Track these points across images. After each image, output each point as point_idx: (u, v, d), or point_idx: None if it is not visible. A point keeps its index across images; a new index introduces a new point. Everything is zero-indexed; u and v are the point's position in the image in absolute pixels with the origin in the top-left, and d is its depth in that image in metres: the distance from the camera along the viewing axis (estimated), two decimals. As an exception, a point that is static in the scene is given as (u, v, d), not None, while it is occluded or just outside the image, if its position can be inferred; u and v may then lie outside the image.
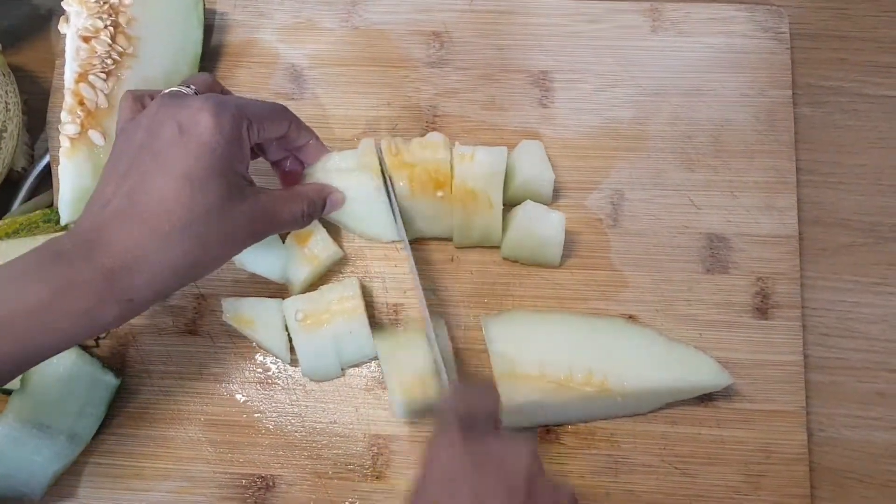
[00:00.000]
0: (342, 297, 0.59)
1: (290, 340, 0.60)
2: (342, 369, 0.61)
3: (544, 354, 0.57)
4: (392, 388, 0.57)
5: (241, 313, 0.61)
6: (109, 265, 0.45)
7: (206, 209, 0.47)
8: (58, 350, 0.46)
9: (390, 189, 0.59)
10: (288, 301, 0.60)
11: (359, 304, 0.59)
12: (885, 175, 0.65)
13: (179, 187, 0.47)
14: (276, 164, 0.61)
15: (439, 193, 0.60)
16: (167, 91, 0.52)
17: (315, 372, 0.60)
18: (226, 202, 0.49)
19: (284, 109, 0.56)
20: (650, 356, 0.57)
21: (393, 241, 0.63)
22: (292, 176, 0.61)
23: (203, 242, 0.48)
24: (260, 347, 0.62)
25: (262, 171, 0.63)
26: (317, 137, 0.59)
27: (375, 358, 0.61)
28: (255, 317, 0.61)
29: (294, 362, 0.61)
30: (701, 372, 0.57)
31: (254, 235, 0.52)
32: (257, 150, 0.59)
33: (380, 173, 0.59)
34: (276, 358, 0.61)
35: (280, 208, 0.54)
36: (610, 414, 0.59)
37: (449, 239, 0.63)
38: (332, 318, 0.59)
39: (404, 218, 0.61)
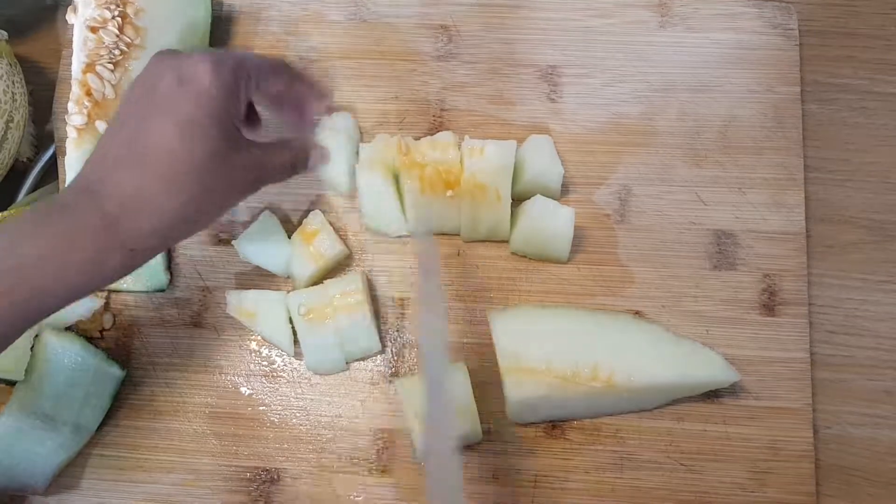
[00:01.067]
0: (345, 292, 0.59)
1: (294, 333, 0.60)
2: (346, 363, 0.61)
3: (550, 349, 0.57)
4: (413, 430, 0.56)
5: (244, 306, 0.61)
6: (112, 212, 0.46)
7: (208, 154, 0.48)
8: (66, 301, 0.46)
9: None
10: (292, 295, 0.60)
11: (362, 298, 0.59)
12: (893, 173, 0.65)
13: (181, 132, 0.47)
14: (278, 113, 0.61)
15: (449, 193, 0.59)
16: (164, 49, 0.52)
17: (319, 366, 0.60)
18: (225, 150, 0.49)
19: (284, 64, 0.56)
20: (657, 352, 0.57)
21: (400, 237, 0.62)
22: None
23: (207, 188, 0.49)
24: (264, 340, 0.62)
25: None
26: (319, 90, 0.59)
27: (381, 352, 0.61)
28: (258, 309, 0.61)
29: (298, 355, 0.61)
30: (708, 368, 0.57)
31: (252, 184, 0.53)
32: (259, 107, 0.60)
33: (391, 168, 0.60)
34: (281, 350, 0.61)
35: (269, 158, 0.54)
36: (616, 410, 0.59)
37: (457, 234, 0.62)
38: (335, 312, 0.59)
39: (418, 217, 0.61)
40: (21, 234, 0.45)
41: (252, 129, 0.59)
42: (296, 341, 0.60)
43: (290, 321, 0.60)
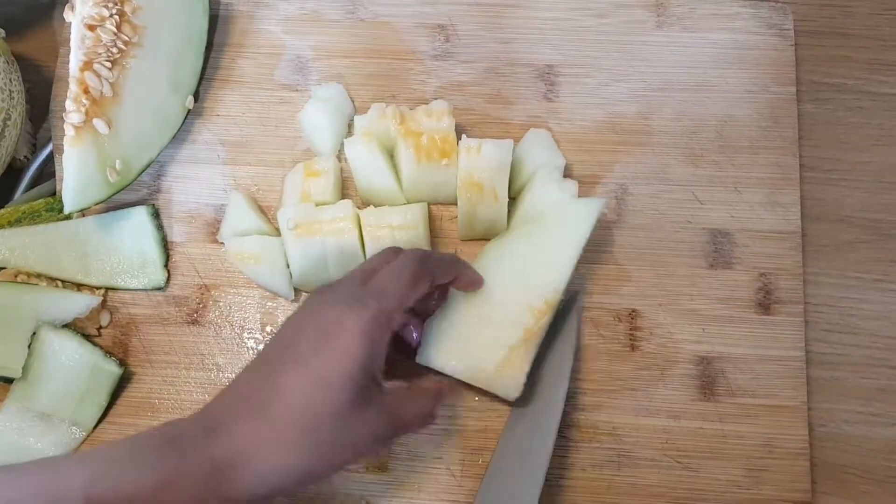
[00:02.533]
0: (335, 218, 0.59)
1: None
2: None
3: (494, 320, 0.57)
4: None
5: (244, 248, 0.61)
6: (221, 460, 0.43)
7: (332, 415, 0.45)
8: None
9: None
10: (281, 211, 0.60)
11: (352, 224, 0.59)
12: (888, 172, 0.65)
13: (312, 391, 0.45)
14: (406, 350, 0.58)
15: (444, 161, 0.60)
16: (323, 286, 0.51)
17: (305, 281, 0.61)
18: (352, 407, 0.46)
19: (424, 264, 0.52)
20: (545, 248, 0.58)
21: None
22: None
23: (322, 452, 0.45)
24: (260, 286, 0.62)
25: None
26: (464, 267, 0.56)
27: None
28: (257, 253, 0.61)
29: (297, 298, 0.62)
30: (581, 217, 0.58)
31: (375, 442, 0.48)
32: None
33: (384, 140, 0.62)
34: (279, 295, 0.62)
35: (404, 409, 0.50)
36: None
37: (452, 203, 0.63)
38: (323, 231, 0.59)
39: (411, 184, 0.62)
40: (125, 463, 0.43)
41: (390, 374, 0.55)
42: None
43: (289, 266, 0.61)
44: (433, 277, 0.52)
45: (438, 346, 0.56)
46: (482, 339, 0.56)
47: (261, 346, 0.62)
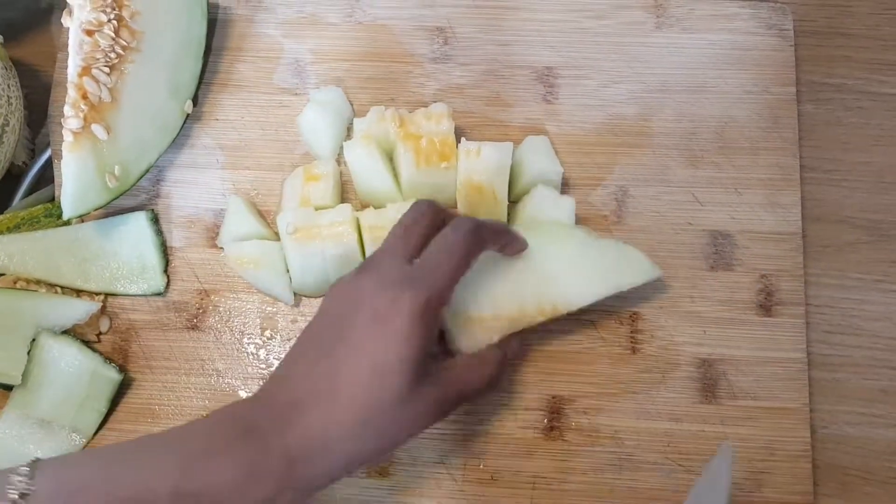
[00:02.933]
0: (334, 223, 0.59)
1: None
2: None
3: (497, 294, 0.56)
4: None
5: (243, 253, 0.61)
6: (295, 450, 0.44)
7: (392, 399, 0.45)
8: None
9: None
10: (280, 216, 0.60)
11: (351, 229, 0.59)
12: (889, 172, 0.65)
13: (373, 376, 0.45)
14: None
15: (443, 164, 0.60)
16: (367, 260, 0.51)
17: (304, 285, 0.61)
18: (412, 389, 0.46)
19: (474, 236, 0.51)
20: (589, 267, 0.57)
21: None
22: None
23: (384, 434, 0.46)
24: (259, 291, 0.62)
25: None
26: (507, 234, 0.55)
27: None
28: (256, 258, 0.61)
29: (298, 303, 0.62)
30: (635, 271, 0.57)
31: (439, 416, 0.49)
32: None
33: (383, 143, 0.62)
34: (278, 300, 0.62)
35: (466, 378, 0.51)
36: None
37: (453, 207, 0.62)
38: (322, 236, 0.59)
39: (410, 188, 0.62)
40: (205, 454, 0.43)
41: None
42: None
43: (288, 271, 0.61)
44: (484, 249, 0.52)
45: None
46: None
47: (260, 352, 0.61)
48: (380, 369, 0.45)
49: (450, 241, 0.50)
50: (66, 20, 0.62)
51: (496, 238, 0.53)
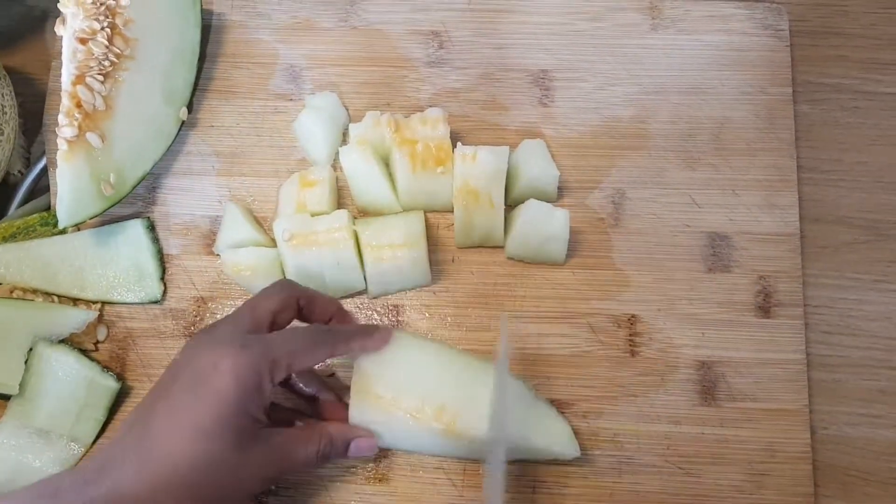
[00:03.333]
0: (330, 229, 0.59)
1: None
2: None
3: (404, 381, 0.54)
4: None
5: (239, 261, 0.61)
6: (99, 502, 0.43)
7: (212, 463, 0.45)
8: None
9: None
10: (276, 222, 0.60)
11: (346, 236, 0.58)
12: (886, 172, 0.65)
13: (186, 439, 0.45)
14: (304, 398, 0.58)
15: (439, 169, 0.60)
16: (200, 331, 0.51)
17: None
18: (234, 452, 0.46)
19: (327, 335, 0.51)
20: (506, 412, 0.54)
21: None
22: (330, 409, 0.57)
23: (203, 496, 0.45)
24: None
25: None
26: (368, 335, 0.54)
27: (363, 292, 0.61)
28: (252, 265, 0.60)
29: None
30: (551, 438, 0.55)
31: (263, 482, 0.49)
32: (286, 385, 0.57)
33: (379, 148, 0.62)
34: None
35: (293, 449, 0.50)
36: (459, 455, 0.57)
37: (450, 211, 0.62)
38: (318, 242, 0.59)
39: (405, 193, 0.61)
40: None
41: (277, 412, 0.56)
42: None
43: (285, 277, 0.60)
44: (333, 352, 0.52)
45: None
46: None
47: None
48: (196, 431, 0.45)
49: (302, 330, 0.51)
50: (59, 29, 0.62)
51: (347, 345, 0.52)
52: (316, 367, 0.58)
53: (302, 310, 0.53)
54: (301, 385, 0.57)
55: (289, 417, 0.56)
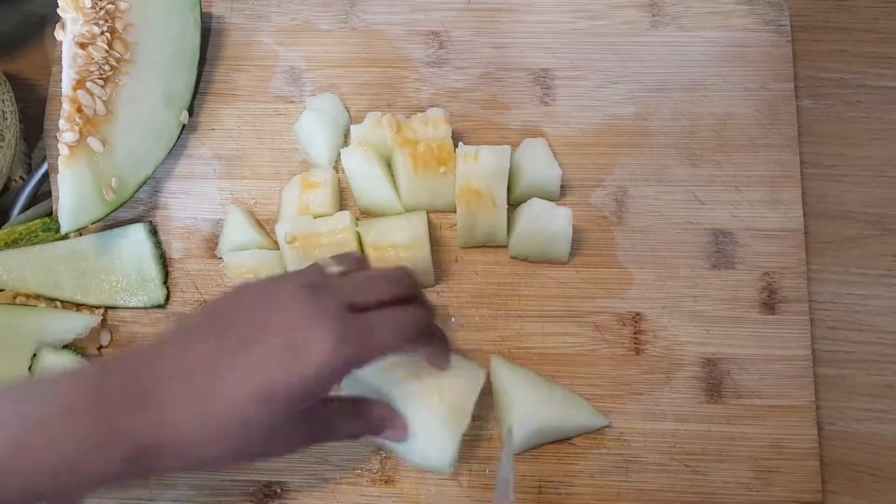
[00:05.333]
0: (333, 230, 0.59)
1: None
2: None
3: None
4: None
5: (241, 263, 0.61)
6: (146, 440, 0.42)
7: (267, 427, 0.44)
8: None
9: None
10: (279, 224, 0.60)
11: (350, 237, 0.58)
12: (890, 166, 0.65)
13: (253, 403, 0.43)
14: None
15: (442, 169, 0.59)
16: (308, 269, 0.49)
17: None
18: (291, 422, 0.45)
19: (417, 338, 0.49)
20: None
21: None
22: None
23: (244, 451, 0.45)
24: None
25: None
26: (444, 342, 0.54)
27: None
28: (254, 267, 0.60)
29: None
30: (579, 417, 0.58)
31: (304, 445, 0.49)
32: None
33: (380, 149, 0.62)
34: None
35: (338, 423, 0.50)
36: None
37: (452, 211, 0.62)
38: (321, 244, 0.58)
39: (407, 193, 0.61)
40: (48, 413, 0.41)
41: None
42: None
43: None
44: (424, 345, 0.51)
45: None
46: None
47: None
48: (266, 399, 0.43)
49: (410, 317, 0.49)
50: (58, 34, 0.61)
51: (438, 342, 0.52)
52: None
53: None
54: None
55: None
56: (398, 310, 0.48)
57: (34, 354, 0.59)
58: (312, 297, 0.45)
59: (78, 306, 0.63)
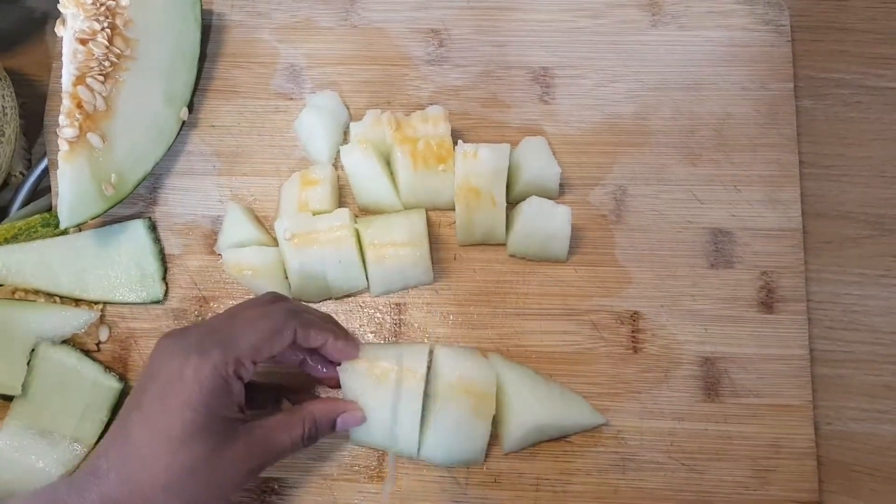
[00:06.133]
0: (332, 227, 0.59)
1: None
2: (333, 298, 0.62)
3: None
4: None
5: (241, 261, 0.61)
6: (108, 495, 0.45)
7: (189, 468, 0.46)
8: None
9: None
10: (278, 221, 0.60)
11: (348, 234, 0.59)
12: (888, 167, 0.65)
13: (161, 449, 0.45)
14: (303, 366, 0.57)
15: (441, 167, 0.60)
16: (165, 335, 0.50)
17: (304, 292, 0.61)
18: (212, 453, 0.46)
19: (285, 322, 0.51)
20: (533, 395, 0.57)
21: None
22: (329, 379, 0.57)
23: (187, 498, 0.46)
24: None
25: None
26: (337, 334, 0.54)
27: (365, 291, 0.62)
28: (255, 265, 0.60)
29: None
30: (577, 415, 0.58)
31: (249, 475, 0.49)
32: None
33: (380, 146, 0.62)
34: None
35: (277, 437, 0.50)
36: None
37: (451, 209, 0.62)
38: (320, 241, 0.59)
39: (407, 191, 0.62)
40: None
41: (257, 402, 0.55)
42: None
43: (287, 276, 0.61)
44: (294, 336, 0.51)
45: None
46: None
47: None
48: (169, 440, 0.45)
49: (258, 314, 0.50)
50: (59, 30, 0.62)
51: (309, 327, 0.52)
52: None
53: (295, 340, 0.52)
54: (310, 339, 0.53)
55: (275, 396, 0.57)
56: (259, 299, 0.53)
57: (33, 350, 0.59)
58: (174, 338, 0.49)
59: (77, 301, 0.63)
